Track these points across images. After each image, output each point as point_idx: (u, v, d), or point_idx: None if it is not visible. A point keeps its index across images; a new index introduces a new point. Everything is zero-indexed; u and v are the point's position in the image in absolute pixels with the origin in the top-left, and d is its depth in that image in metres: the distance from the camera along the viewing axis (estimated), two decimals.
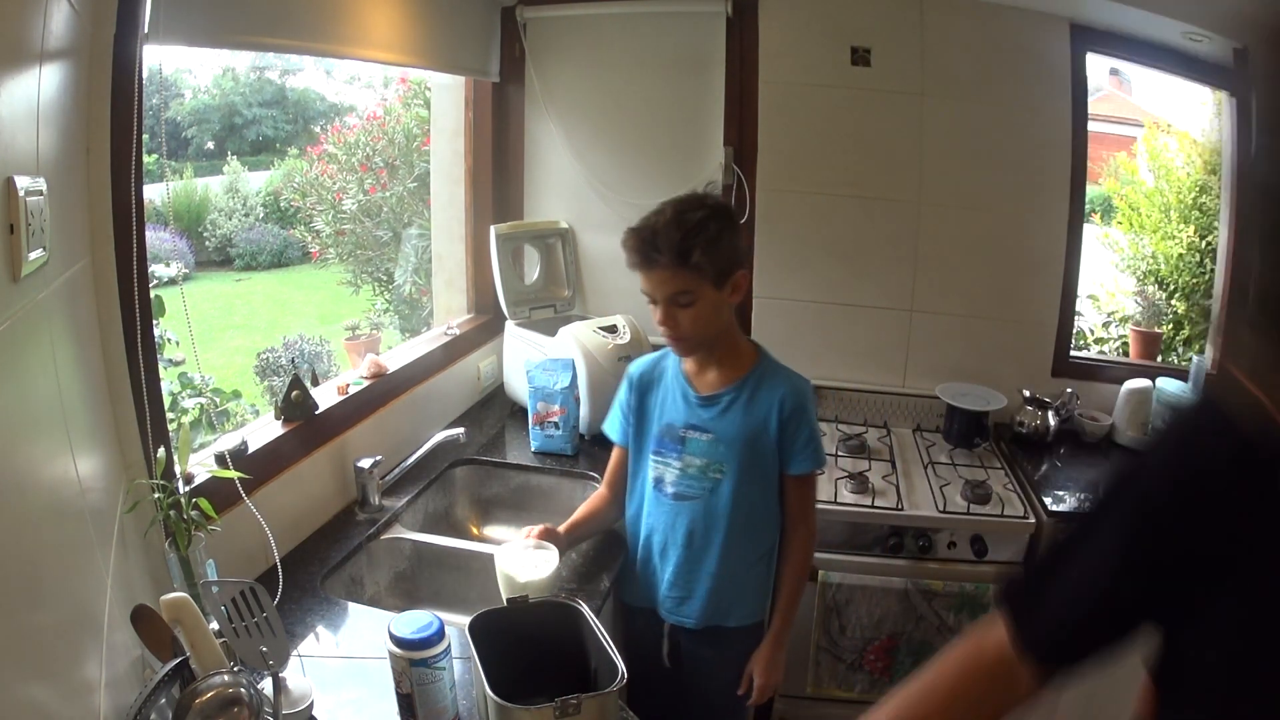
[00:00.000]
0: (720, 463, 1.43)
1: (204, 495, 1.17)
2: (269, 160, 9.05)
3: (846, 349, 2.33)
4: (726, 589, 1.47)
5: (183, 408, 2.71)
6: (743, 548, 1.46)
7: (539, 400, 1.97)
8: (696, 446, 1.44)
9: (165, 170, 2.93)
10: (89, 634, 0.87)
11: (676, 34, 2.25)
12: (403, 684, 1.04)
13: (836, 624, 1.89)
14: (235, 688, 0.93)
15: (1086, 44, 2.12)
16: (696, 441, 1.44)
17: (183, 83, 9.50)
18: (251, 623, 1.02)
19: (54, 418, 0.86)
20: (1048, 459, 2.12)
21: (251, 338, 5.65)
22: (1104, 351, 3.02)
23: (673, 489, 1.46)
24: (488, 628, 1.08)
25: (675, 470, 1.46)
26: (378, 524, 1.63)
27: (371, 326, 4.34)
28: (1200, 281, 2.91)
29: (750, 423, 1.42)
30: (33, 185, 0.78)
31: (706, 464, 1.43)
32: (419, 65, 2.09)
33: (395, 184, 4.41)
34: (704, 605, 1.48)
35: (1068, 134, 2.15)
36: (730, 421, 1.42)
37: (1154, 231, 3.13)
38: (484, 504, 1.98)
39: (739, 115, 2.26)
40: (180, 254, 6.60)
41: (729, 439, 1.42)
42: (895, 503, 1.87)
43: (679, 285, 1.33)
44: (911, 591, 1.84)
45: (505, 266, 2.24)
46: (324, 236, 4.76)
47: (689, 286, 1.33)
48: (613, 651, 1.02)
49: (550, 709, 0.93)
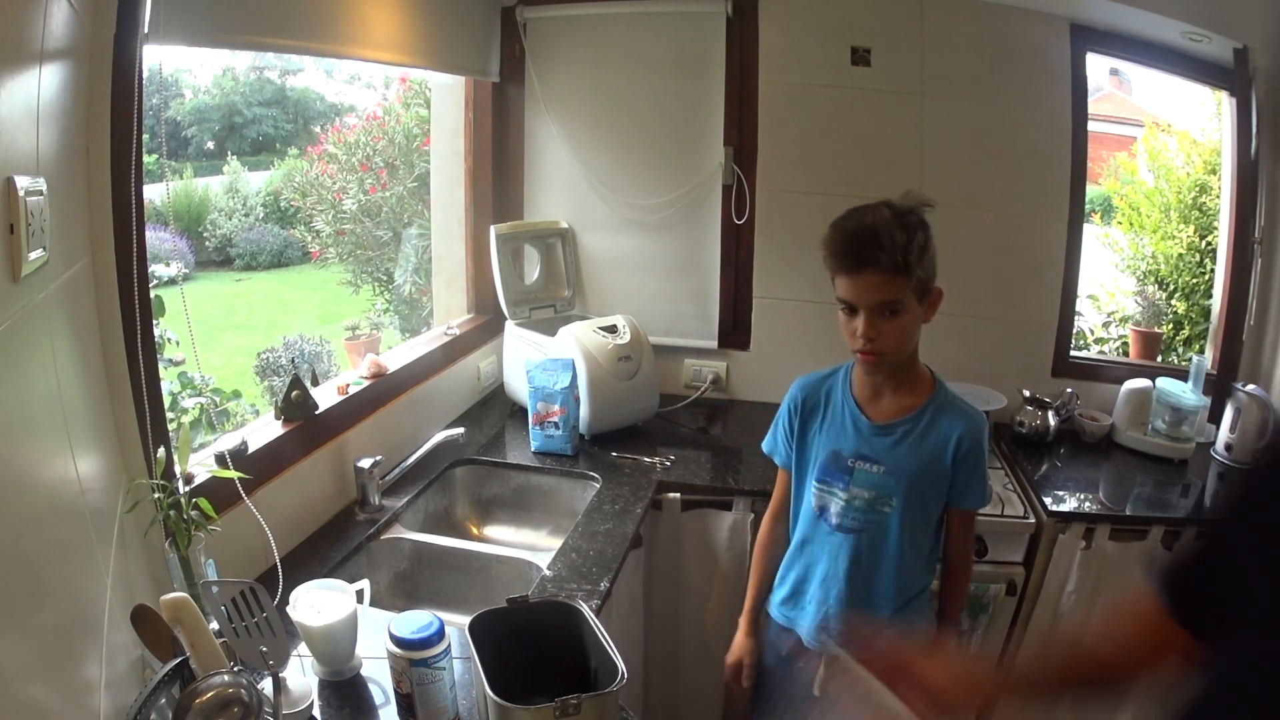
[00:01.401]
0: (890, 496, 1.33)
1: (204, 495, 1.17)
2: (269, 160, 9.04)
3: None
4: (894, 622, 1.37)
5: (183, 408, 2.71)
6: (907, 581, 1.37)
7: (539, 400, 1.97)
8: (865, 478, 1.34)
9: (165, 170, 2.93)
10: (89, 634, 0.87)
11: (676, 34, 2.25)
12: (403, 684, 1.04)
13: None
14: (235, 688, 0.93)
15: (1086, 44, 2.12)
16: (865, 473, 1.34)
17: (183, 83, 9.49)
18: (251, 623, 1.01)
19: (54, 418, 0.86)
20: (1048, 459, 2.12)
21: (251, 338, 5.65)
22: (1104, 351, 3.02)
23: (837, 520, 1.37)
24: (488, 628, 1.07)
25: (841, 501, 1.36)
26: (378, 524, 1.63)
27: (371, 326, 4.34)
28: (1200, 281, 2.92)
29: (924, 456, 1.32)
30: (33, 185, 0.78)
31: (875, 496, 1.34)
32: (419, 65, 2.09)
33: (395, 184, 4.41)
34: None
35: (1068, 134, 2.15)
36: (904, 454, 1.33)
37: (1154, 231, 3.13)
38: (484, 504, 1.98)
39: (739, 115, 2.26)
40: (180, 254, 6.59)
41: (900, 472, 1.32)
42: None
43: (893, 293, 1.21)
44: None
45: (505, 266, 2.25)
46: (324, 236, 4.76)
47: (901, 296, 1.22)
48: (613, 651, 1.02)
49: (550, 709, 0.93)
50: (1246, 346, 2.12)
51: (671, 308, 2.39)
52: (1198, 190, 2.97)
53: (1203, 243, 2.92)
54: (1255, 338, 2.12)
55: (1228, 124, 2.16)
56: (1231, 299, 2.12)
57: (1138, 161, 3.38)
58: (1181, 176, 3.05)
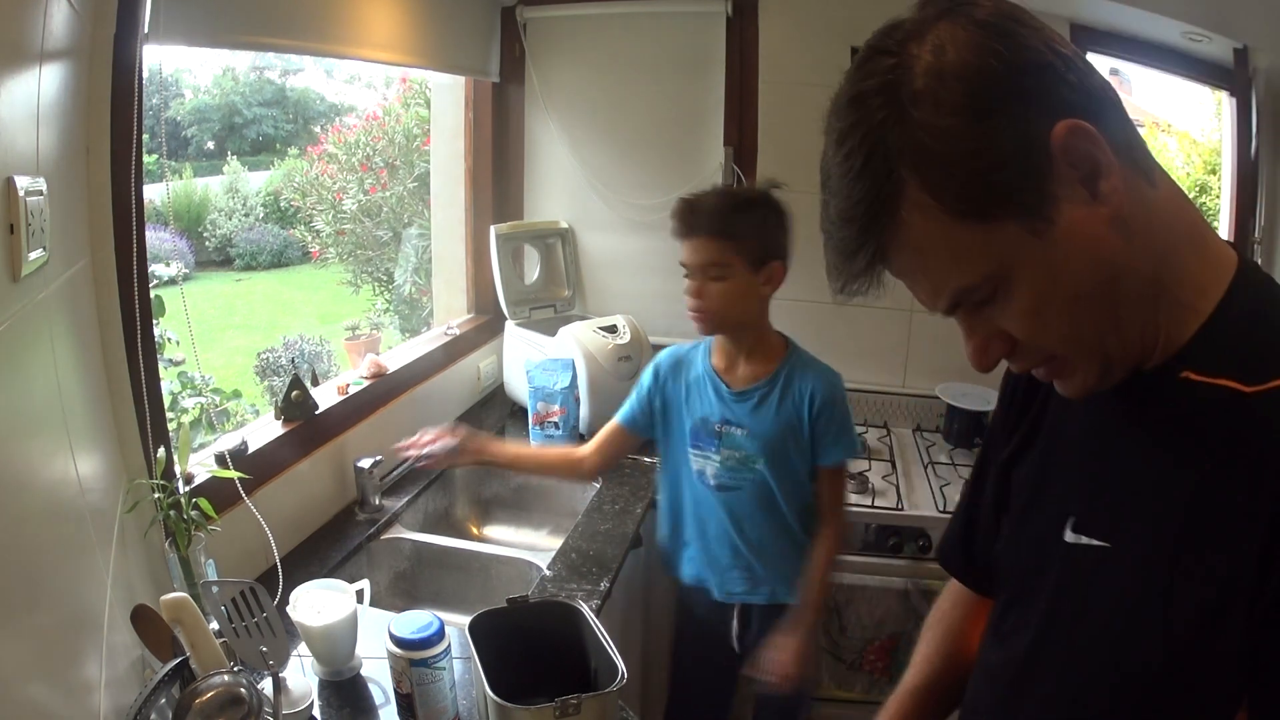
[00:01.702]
0: (757, 456, 1.44)
1: (204, 495, 1.17)
2: (269, 160, 9.04)
3: (846, 349, 2.32)
4: (789, 567, 1.47)
5: (183, 408, 2.70)
6: (795, 530, 1.48)
7: (539, 400, 1.97)
8: (732, 441, 1.45)
9: (165, 170, 2.93)
10: (89, 634, 0.87)
11: (676, 34, 2.25)
12: (403, 684, 1.04)
13: (836, 624, 1.89)
14: (235, 688, 0.93)
15: (1086, 44, 2.12)
16: (732, 436, 1.45)
17: (183, 83, 9.49)
18: (251, 623, 1.01)
19: (54, 418, 0.86)
20: None
21: (251, 338, 5.65)
22: None
23: (715, 480, 1.48)
24: (488, 628, 1.07)
25: (715, 463, 1.47)
26: (378, 524, 1.63)
27: (371, 326, 4.35)
28: None
29: (783, 417, 1.43)
30: (33, 185, 0.78)
31: (744, 456, 1.45)
32: (419, 65, 2.09)
33: (395, 184, 4.42)
34: (771, 583, 1.49)
35: None
36: (764, 416, 1.44)
37: None
38: (484, 504, 1.98)
39: (739, 115, 2.25)
40: (180, 254, 6.59)
41: (762, 434, 1.43)
42: (895, 503, 1.87)
43: (713, 255, 1.33)
44: (911, 591, 1.84)
45: (505, 266, 2.24)
46: (324, 236, 4.76)
47: (724, 259, 1.33)
48: (613, 651, 1.02)
49: (550, 709, 0.93)
50: None
51: (671, 308, 2.37)
52: (1198, 190, 2.97)
53: None
54: None
55: (1228, 124, 2.16)
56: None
57: None
58: (1181, 176, 3.05)
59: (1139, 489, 0.57)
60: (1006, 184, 0.49)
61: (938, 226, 0.51)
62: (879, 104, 0.51)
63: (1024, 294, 0.53)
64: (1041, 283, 0.52)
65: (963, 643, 0.85)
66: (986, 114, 0.49)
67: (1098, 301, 0.53)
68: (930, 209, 0.51)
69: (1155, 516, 0.55)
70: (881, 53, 0.52)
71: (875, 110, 0.51)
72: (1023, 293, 0.53)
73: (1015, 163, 0.49)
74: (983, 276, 0.53)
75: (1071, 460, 0.64)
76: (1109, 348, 0.55)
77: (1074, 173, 0.50)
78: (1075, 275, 0.52)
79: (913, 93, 0.49)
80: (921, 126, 0.49)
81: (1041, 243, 0.51)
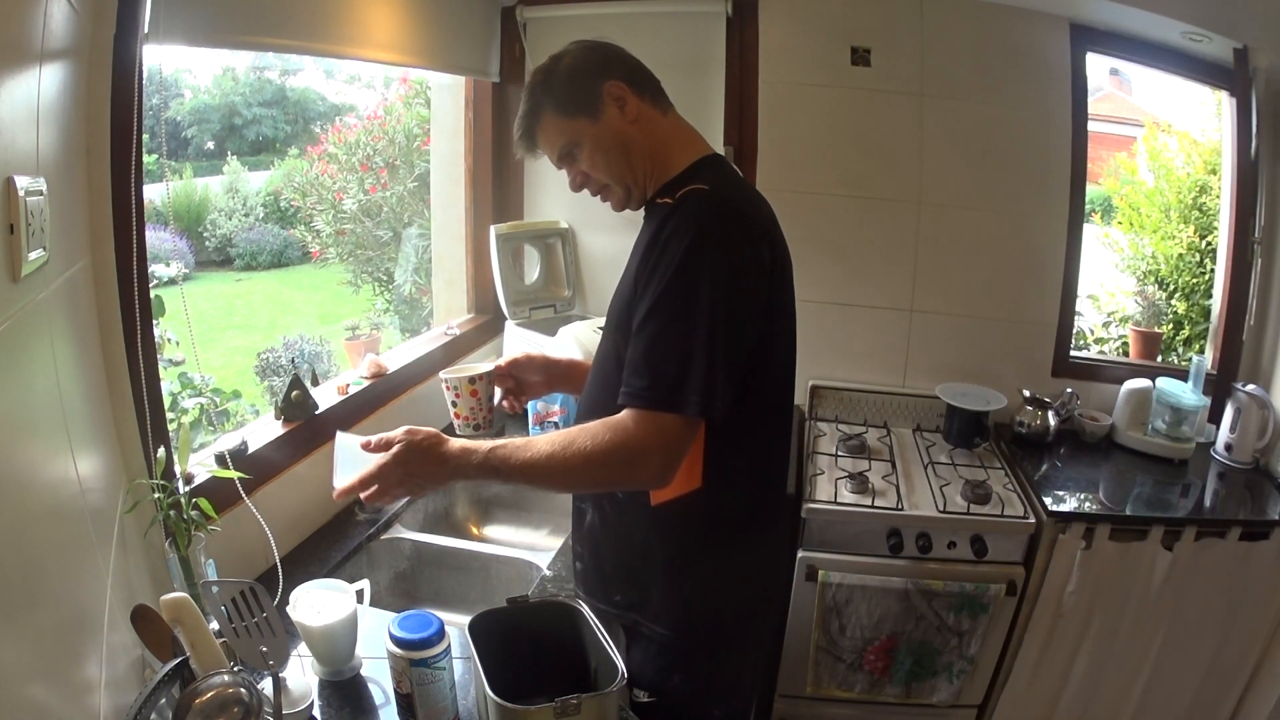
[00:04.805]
0: None
1: (204, 495, 1.17)
2: (269, 160, 9.04)
3: (846, 349, 2.33)
4: None
5: (183, 408, 2.70)
6: None
7: (539, 400, 1.97)
8: None
9: (165, 170, 2.93)
10: (89, 634, 0.87)
11: (676, 34, 2.25)
12: (403, 684, 1.04)
13: (836, 624, 1.89)
14: (235, 688, 0.93)
15: (1086, 44, 2.12)
16: None
17: (183, 83, 9.49)
18: (251, 623, 1.01)
19: (54, 418, 0.86)
20: (1048, 459, 2.12)
21: (251, 338, 5.65)
22: (1104, 351, 3.02)
23: None
24: (488, 628, 1.08)
25: None
26: (377, 524, 1.63)
27: (371, 326, 4.34)
28: (1200, 281, 2.91)
29: None
30: (33, 185, 0.78)
31: None
32: (419, 65, 2.09)
33: (395, 184, 4.41)
34: None
35: (1068, 134, 2.15)
36: None
37: (1154, 231, 3.13)
38: (484, 504, 1.98)
39: (739, 115, 2.25)
40: (180, 254, 6.59)
41: None
42: (895, 503, 1.87)
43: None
44: (911, 591, 1.83)
45: (505, 266, 2.24)
46: (324, 236, 4.76)
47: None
48: (613, 651, 1.02)
49: (550, 709, 0.93)
50: (1246, 346, 2.13)
51: None
52: (1198, 190, 2.97)
53: (1203, 243, 2.92)
54: (1255, 338, 2.12)
55: (1228, 124, 2.16)
56: (1231, 299, 2.12)
57: (1138, 161, 3.38)
58: (1181, 176, 3.05)
59: (636, 252, 1.15)
60: (582, 101, 1.15)
61: (553, 119, 1.17)
62: (540, 76, 1.18)
63: (585, 153, 1.17)
64: (594, 146, 1.16)
65: None
66: (578, 77, 1.16)
67: (621, 157, 1.16)
68: (550, 111, 1.16)
69: (634, 269, 1.12)
70: (553, 58, 1.20)
71: (537, 75, 1.19)
72: (584, 152, 1.17)
73: (586, 95, 1.15)
74: (570, 143, 1.17)
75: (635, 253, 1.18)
76: (629, 184, 1.18)
77: (612, 100, 1.15)
78: (609, 144, 1.16)
79: (553, 68, 1.18)
80: (555, 81, 1.16)
81: (595, 127, 1.15)
